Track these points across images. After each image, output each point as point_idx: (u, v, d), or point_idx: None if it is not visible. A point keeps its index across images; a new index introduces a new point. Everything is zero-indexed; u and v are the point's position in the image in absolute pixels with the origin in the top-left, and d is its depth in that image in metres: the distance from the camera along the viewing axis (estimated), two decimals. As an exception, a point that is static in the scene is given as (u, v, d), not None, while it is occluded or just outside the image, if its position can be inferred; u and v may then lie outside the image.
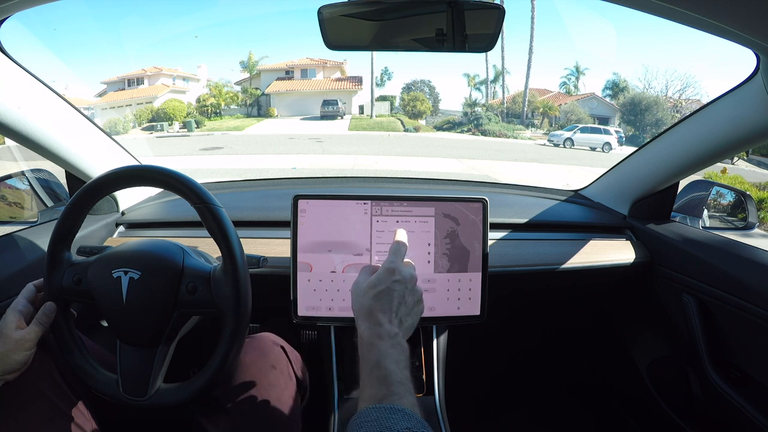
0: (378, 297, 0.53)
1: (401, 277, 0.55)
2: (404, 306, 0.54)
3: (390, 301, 0.53)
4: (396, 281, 0.55)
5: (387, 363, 0.47)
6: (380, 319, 0.51)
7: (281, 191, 1.19)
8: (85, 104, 20.09)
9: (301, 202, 0.73)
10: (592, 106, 21.10)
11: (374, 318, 0.52)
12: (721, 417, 0.86)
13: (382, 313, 0.52)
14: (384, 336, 0.50)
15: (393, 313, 0.53)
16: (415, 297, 0.56)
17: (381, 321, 0.51)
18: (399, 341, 0.50)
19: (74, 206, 0.60)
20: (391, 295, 0.54)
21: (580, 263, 0.95)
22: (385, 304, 0.53)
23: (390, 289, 0.54)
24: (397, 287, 0.54)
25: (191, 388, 0.59)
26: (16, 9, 0.59)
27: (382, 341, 0.49)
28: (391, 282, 0.55)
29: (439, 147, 13.63)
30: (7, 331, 0.55)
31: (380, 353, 0.48)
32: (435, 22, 0.64)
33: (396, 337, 0.50)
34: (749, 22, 0.52)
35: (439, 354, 0.87)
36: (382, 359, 0.47)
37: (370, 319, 0.52)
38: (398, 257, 0.58)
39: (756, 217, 1.03)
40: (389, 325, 0.51)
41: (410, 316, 0.55)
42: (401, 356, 0.49)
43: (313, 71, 22.99)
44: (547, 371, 1.41)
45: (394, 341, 0.50)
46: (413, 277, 0.57)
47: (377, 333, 0.50)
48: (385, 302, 0.53)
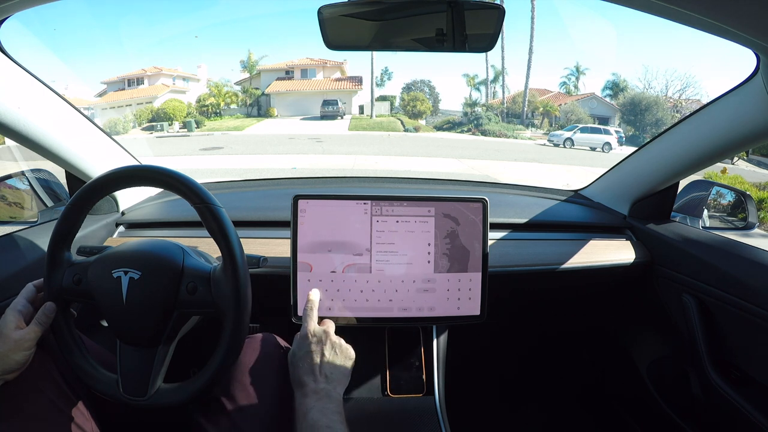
0: (298, 364, 0.61)
1: (315, 338, 0.63)
2: (326, 362, 0.61)
3: (311, 363, 0.61)
4: (311, 343, 0.63)
5: (312, 414, 0.55)
6: (306, 381, 0.59)
7: (281, 191, 1.19)
8: (85, 104, 20.08)
9: (301, 202, 0.73)
10: (592, 106, 21.10)
11: (301, 382, 0.60)
12: (721, 417, 0.86)
13: (306, 376, 0.60)
14: (309, 393, 0.58)
15: (317, 373, 0.60)
16: (336, 349, 0.63)
17: (306, 382, 0.59)
18: (327, 393, 0.58)
19: (74, 206, 0.60)
20: (310, 357, 0.61)
21: (580, 263, 0.95)
22: (307, 367, 0.61)
23: (308, 353, 0.62)
24: (314, 348, 0.62)
25: (191, 388, 0.58)
26: (16, 9, 0.59)
27: (308, 398, 0.57)
28: (307, 346, 0.62)
29: (439, 147, 13.62)
30: (6, 331, 0.55)
31: (306, 407, 0.56)
32: (435, 22, 0.64)
33: (322, 391, 0.58)
34: (749, 22, 0.51)
35: (439, 354, 0.87)
36: (308, 412, 0.55)
37: (299, 383, 0.60)
38: (309, 320, 0.66)
39: (756, 217, 1.03)
40: (314, 384, 0.59)
41: (336, 368, 0.61)
42: (329, 404, 0.56)
43: (313, 71, 22.98)
44: (547, 371, 1.41)
45: (319, 395, 0.57)
46: (327, 332, 0.65)
47: (304, 393, 0.58)
48: (306, 366, 0.61)
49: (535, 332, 1.36)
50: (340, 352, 0.64)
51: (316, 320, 0.67)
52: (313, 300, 0.69)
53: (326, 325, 0.67)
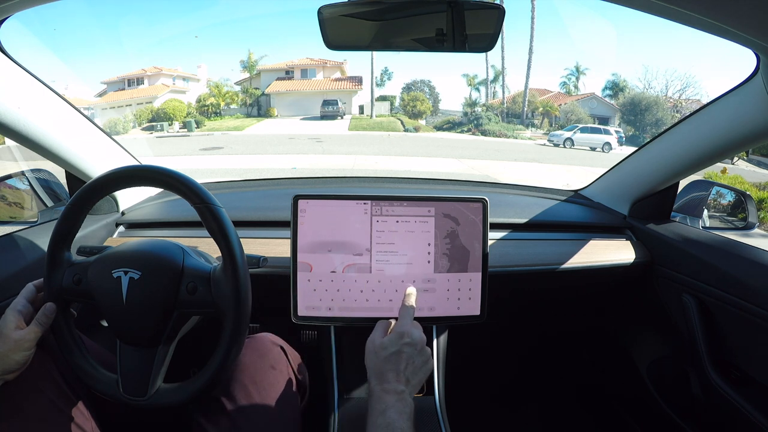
0: (388, 359, 0.60)
1: (411, 340, 0.62)
2: (411, 366, 0.61)
3: (398, 362, 0.60)
4: (405, 344, 0.61)
5: (390, 413, 0.55)
6: (389, 378, 0.59)
7: (281, 191, 1.19)
8: (85, 104, 20.08)
9: (301, 202, 0.73)
10: (592, 106, 21.10)
11: (384, 377, 0.59)
12: (721, 417, 0.86)
13: (391, 373, 0.59)
14: (390, 391, 0.57)
15: (401, 373, 0.59)
16: (423, 358, 0.62)
17: (389, 379, 0.59)
18: (404, 397, 0.58)
19: (74, 206, 0.60)
20: (400, 357, 0.60)
21: (580, 263, 0.95)
22: (394, 365, 0.60)
23: (399, 352, 0.60)
24: (406, 350, 0.61)
25: (191, 388, 0.58)
26: (16, 9, 0.59)
27: (388, 395, 0.57)
28: (400, 345, 0.61)
29: (439, 147, 13.63)
30: (6, 331, 0.55)
31: (386, 405, 0.56)
32: (435, 22, 0.64)
33: (402, 393, 0.58)
34: (749, 22, 0.51)
35: (439, 354, 0.87)
36: (387, 410, 0.55)
37: (381, 377, 0.59)
38: (408, 319, 0.65)
39: (756, 217, 1.03)
40: (396, 383, 0.58)
41: (417, 375, 0.61)
42: (405, 408, 0.56)
43: (313, 71, 22.98)
44: (547, 371, 1.41)
45: (400, 396, 0.57)
46: (422, 339, 0.63)
47: (385, 389, 0.58)
48: (394, 363, 0.60)
49: (535, 332, 1.36)
50: (425, 362, 0.63)
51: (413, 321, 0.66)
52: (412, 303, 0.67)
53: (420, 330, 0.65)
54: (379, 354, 0.61)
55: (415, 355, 0.61)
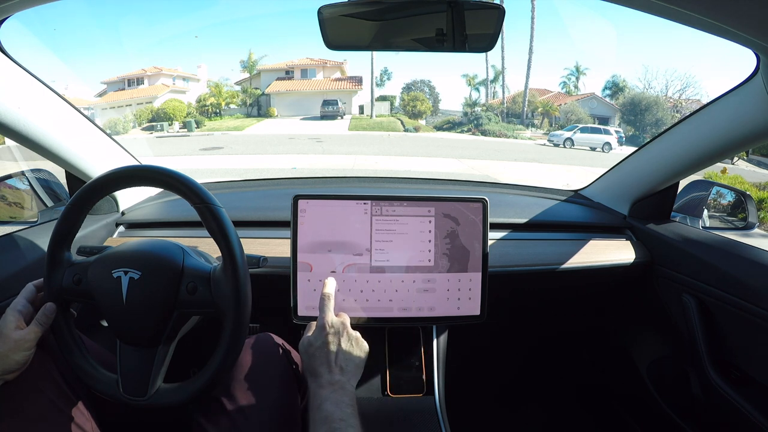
0: (315, 354, 0.61)
1: (333, 329, 0.63)
2: (342, 353, 0.62)
3: (327, 353, 0.61)
4: (328, 334, 0.62)
5: (326, 405, 0.55)
6: (321, 372, 0.59)
7: (281, 191, 1.19)
8: (85, 104, 20.08)
9: (301, 202, 0.73)
10: (592, 106, 21.10)
11: (316, 372, 0.60)
12: (721, 417, 0.86)
13: (321, 367, 0.60)
14: (324, 385, 0.58)
15: (332, 364, 0.60)
16: (352, 341, 0.64)
17: (321, 373, 0.59)
18: (341, 385, 0.58)
19: (74, 206, 0.60)
20: (327, 348, 0.61)
21: (580, 263, 0.95)
22: (323, 357, 0.61)
23: (325, 343, 0.62)
24: (331, 339, 0.62)
25: (191, 388, 0.58)
26: (16, 9, 0.59)
27: (323, 389, 0.57)
28: (324, 336, 0.62)
29: (439, 147, 13.62)
30: (6, 331, 0.55)
31: (321, 399, 0.56)
32: (435, 22, 0.64)
33: (337, 383, 0.58)
34: (749, 22, 0.51)
35: (439, 354, 0.87)
36: (323, 403, 0.55)
37: (313, 373, 0.60)
38: (326, 311, 0.65)
39: (756, 217, 1.03)
40: (329, 375, 0.59)
41: (351, 360, 0.62)
42: (343, 397, 0.56)
43: (313, 71, 22.98)
44: (547, 371, 1.41)
45: (334, 387, 0.58)
46: (344, 324, 0.65)
47: (319, 383, 0.58)
48: (322, 356, 0.61)
49: (535, 332, 1.36)
50: (356, 344, 0.64)
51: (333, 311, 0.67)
52: (329, 291, 0.68)
53: (343, 317, 0.67)
54: (307, 352, 0.62)
55: (342, 342, 0.62)
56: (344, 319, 0.67)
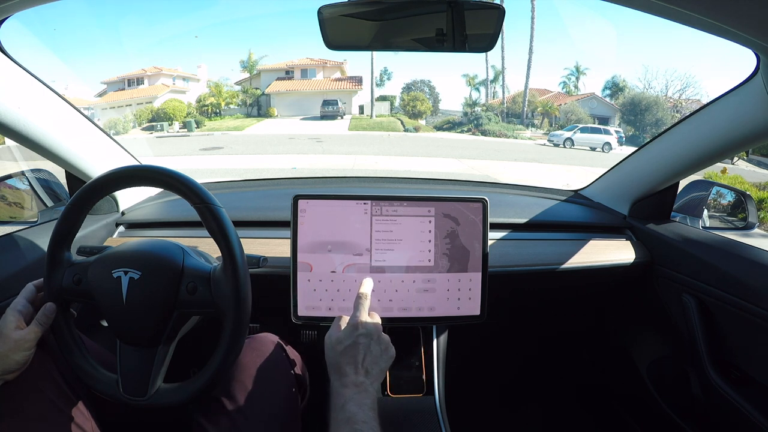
0: (344, 352, 0.60)
1: (365, 330, 0.61)
2: (370, 356, 0.60)
3: (356, 354, 0.59)
4: (360, 335, 0.61)
5: (350, 406, 0.54)
6: (347, 371, 0.58)
7: (281, 191, 1.19)
8: (85, 104, 20.08)
9: (301, 202, 0.73)
10: (592, 106, 21.10)
11: (341, 371, 0.59)
12: (721, 417, 0.86)
13: (348, 366, 0.59)
14: (349, 384, 0.57)
15: (359, 365, 0.59)
16: (382, 346, 0.62)
17: (347, 372, 0.58)
18: (365, 388, 0.57)
19: (74, 206, 0.60)
20: (356, 349, 0.60)
21: (580, 263, 0.95)
22: (350, 357, 0.59)
23: (355, 343, 0.60)
24: (362, 340, 0.61)
25: (191, 388, 0.58)
26: (16, 9, 0.59)
27: (347, 389, 0.56)
28: (355, 336, 0.61)
29: (439, 147, 13.62)
30: (6, 332, 0.55)
31: (345, 398, 0.55)
32: (435, 22, 0.64)
33: (362, 384, 0.57)
34: (749, 22, 0.51)
35: (439, 354, 0.87)
36: (346, 403, 0.54)
37: (339, 371, 0.59)
38: (362, 310, 0.64)
39: (756, 217, 1.03)
40: (354, 375, 0.58)
41: (377, 364, 0.60)
42: (366, 400, 0.55)
43: (313, 71, 22.98)
44: (547, 371, 1.41)
45: (359, 388, 0.57)
46: (378, 327, 0.63)
47: (343, 383, 0.57)
48: (350, 356, 0.59)
49: (535, 332, 1.36)
50: (385, 349, 0.62)
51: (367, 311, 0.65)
52: (365, 291, 0.67)
53: (376, 319, 0.65)
54: (335, 348, 0.61)
55: (372, 345, 0.61)
56: (377, 320, 0.65)
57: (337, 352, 0.60)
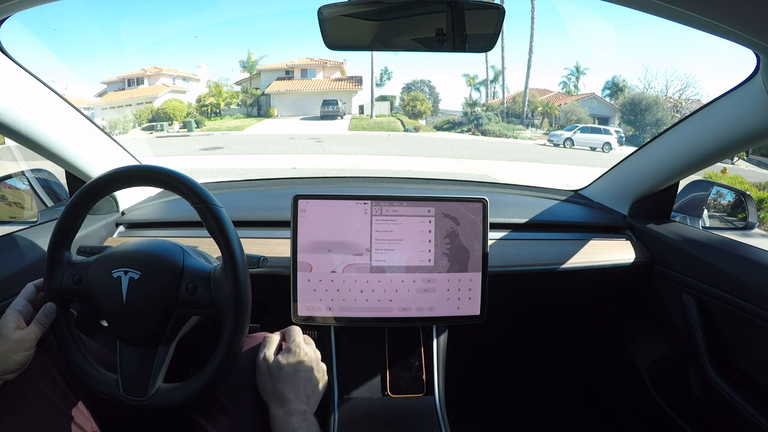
0: (285, 379, 0.59)
1: (307, 357, 0.61)
2: (310, 384, 0.60)
3: (296, 381, 0.59)
4: (302, 361, 0.61)
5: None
6: (290, 398, 0.57)
7: (281, 191, 1.19)
8: (85, 104, 20.09)
9: (301, 202, 0.73)
10: (592, 106, 21.11)
11: (284, 398, 0.58)
12: (721, 417, 0.86)
13: (291, 394, 0.58)
14: (294, 413, 0.56)
15: (301, 392, 0.58)
16: (320, 374, 0.62)
17: (290, 400, 0.57)
18: (308, 416, 0.57)
19: (74, 206, 0.60)
20: (297, 376, 0.59)
21: (580, 263, 0.95)
22: (292, 384, 0.59)
23: (297, 370, 0.60)
24: (303, 367, 0.61)
25: (191, 388, 0.58)
26: (16, 9, 0.59)
27: (293, 417, 0.55)
28: (296, 362, 0.61)
29: (439, 147, 13.63)
30: (6, 332, 0.55)
31: (292, 429, 0.54)
32: (435, 22, 0.64)
33: (305, 413, 0.57)
34: (749, 22, 0.51)
35: (439, 354, 0.87)
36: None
37: (281, 398, 0.58)
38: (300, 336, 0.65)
39: (756, 217, 1.03)
40: (298, 403, 0.57)
41: (315, 392, 0.61)
42: (312, 428, 0.55)
43: (313, 71, 22.99)
44: (547, 371, 1.41)
45: (303, 416, 0.56)
46: (317, 356, 0.63)
47: (287, 411, 0.56)
48: (291, 383, 0.59)
49: (535, 332, 1.36)
50: (322, 377, 0.63)
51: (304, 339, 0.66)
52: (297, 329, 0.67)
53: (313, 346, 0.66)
54: (274, 374, 0.59)
55: (314, 371, 0.61)
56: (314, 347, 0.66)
57: (277, 378, 0.59)
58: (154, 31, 30.90)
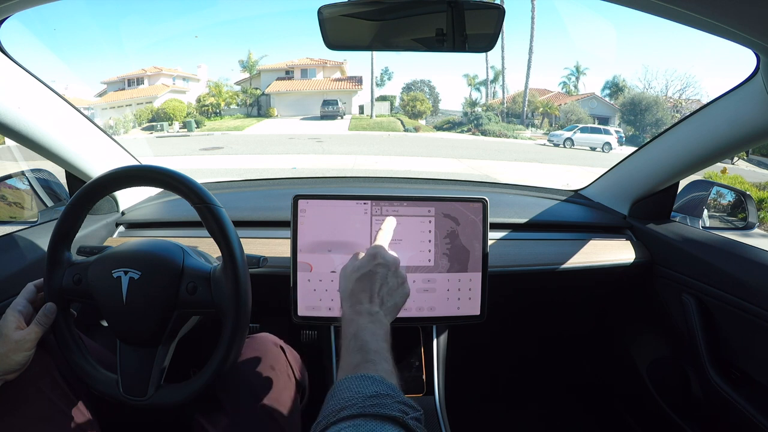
0: (361, 279, 0.56)
1: (383, 260, 0.58)
2: (386, 287, 0.56)
3: (372, 283, 0.56)
4: (378, 264, 0.57)
5: (363, 335, 0.50)
6: (361, 299, 0.54)
7: (281, 191, 1.19)
8: (85, 104, 20.09)
9: (301, 202, 0.73)
10: (592, 106, 21.11)
11: (356, 298, 0.55)
12: (721, 417, 0.86)
13: (363, 293, 0.55)
14: (363, 312, 0.53)
15: (375, 294, 0.55)
16: (398, 279, 0.58)
17: (362, 300, 0.54)
18: (379, 318, 0.53)
19: (74, 206, 0.60)
20: (373, 278, 0.56)
21: (580, 263, 0.95)
22: (366, 285, 0.55)
23: (372, 272, 0.56)
24: (380, 270, 0.57)
25: (191, 388, 0.58)
26: (16, 9, 0.59)
27: (361, 317, 0.52)
28: (373, 265, 0.57)
29: (438, 147, 13.63)
30: (6, 332, 0.55)
31: (358, 326, 0.51)
32: (435, 22, 0.64)
33: (376, 314, 0.53)
34: (749, 22, 0.52)
35: (439, 354, 0.87)
36: (360, 332, 0.50)
37: (352, 298, 0.55)
38: (382, 242, 0.61)
39: (756, 217, 1.03)
40: (369, 304, 0.54)
41: (392, 297, 0.57)
42: (379, 330, 0.51)
43: (313, 71, 22.99)
44: (548, 371, 1.41)
45: (373, 318, 0.52)
46: (396, 260, 0.60)
47: (357, 310, 0.53)
48: (366, 284, 0.56)
49: (535, 332, 1.36)
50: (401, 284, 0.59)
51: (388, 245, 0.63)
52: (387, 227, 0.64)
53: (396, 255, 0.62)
54: (351, 276, 0.57)
55: (389, 276, 0.57)
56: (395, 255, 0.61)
57: (353, 280, 0.57)
58: (154, 31, 30.92)
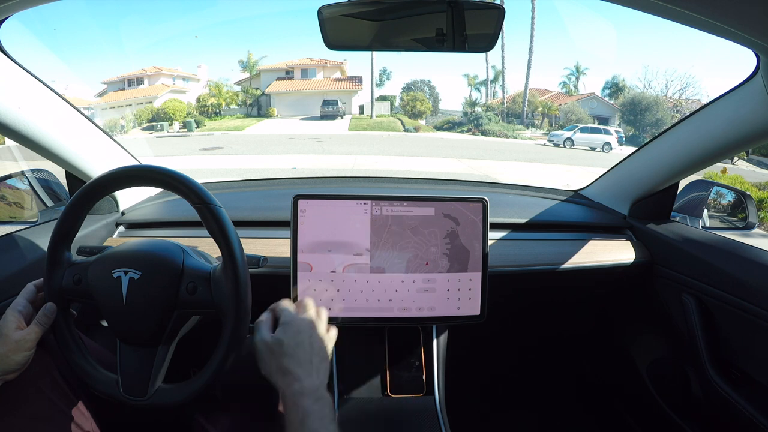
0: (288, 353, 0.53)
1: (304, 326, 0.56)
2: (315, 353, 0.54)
3: (300, 352, 0.53)
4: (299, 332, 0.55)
5: (311, 423, 0.47)
6: (297, 373, 0.51)
7: (281, 191, 1.19)
8: (85, 104, 20.10)
9: (301, 202, 0.73)
10: (592, 106, 21.11)
11: (291, 373, 0.51)
12: (721, 417, 0.86)
13: (297, 367, 0.52)
14: (306, 392, 0.50)
15: (309, 364, 0.52)
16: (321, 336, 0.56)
17: (298, 375, 0.51)
18: (321, 394, 0.50)
19: (74, 206, 0.60)
20: (300, 348, 0.54)
21: (580, 263, 0.95)
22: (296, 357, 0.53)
23: (298, 342, 0.54)
24: (303, 338, 0.55)
25: (191, 388, 0.58)
26: (16, 9, 0.59)
27: (305, 398, 0.49)
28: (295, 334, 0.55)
29: (438, 147, 13.63)
30: (6, 332, 0.55)
31: (304, 413, 0.48)
32: (435, 22, 0.64)
33: (318, 390, 0.50)
34: (749, 22, 0.52)
35: (439, 354, 0.87)
36: (306, 419, 0.47)
37: (288, 375, 0.51)
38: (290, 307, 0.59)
39: (756, 217, 1.03)
40: (307, 378, 0.51)
41: (324, 360, 0.55)
42: (325, 410, 0.49)
43: (313, 71, 22.99)
44: (548, 371, 1.41)
45: (316, 395, 0.50)
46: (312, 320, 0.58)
47: (299, 390, 0.50)
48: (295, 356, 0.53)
49: (535, 332, 1.36)
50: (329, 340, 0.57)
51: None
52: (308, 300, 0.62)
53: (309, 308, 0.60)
54: (275, 352, 0.54)
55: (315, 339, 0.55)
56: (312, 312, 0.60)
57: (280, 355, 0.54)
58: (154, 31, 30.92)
